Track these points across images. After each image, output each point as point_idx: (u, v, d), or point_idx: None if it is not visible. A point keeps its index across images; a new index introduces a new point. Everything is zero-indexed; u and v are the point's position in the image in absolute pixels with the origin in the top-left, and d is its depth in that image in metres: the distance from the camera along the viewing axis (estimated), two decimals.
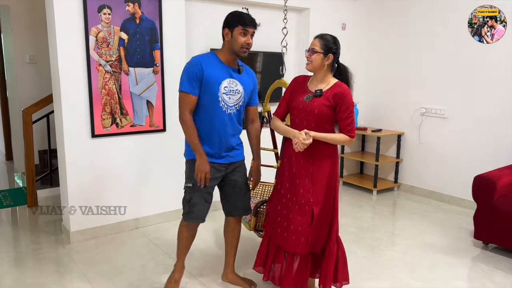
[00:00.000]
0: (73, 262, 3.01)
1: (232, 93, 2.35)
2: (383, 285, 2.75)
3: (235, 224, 2.64)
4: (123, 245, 3.31)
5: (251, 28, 2.30)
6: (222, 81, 2.32)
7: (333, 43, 2.31)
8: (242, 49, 2.30)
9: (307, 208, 2.27)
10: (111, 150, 3.42)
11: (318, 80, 2.35)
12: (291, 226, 2.30)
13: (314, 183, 2.29)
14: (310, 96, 2.30)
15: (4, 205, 4.23)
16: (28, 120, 4.08)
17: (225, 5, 4.01)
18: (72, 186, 3.29)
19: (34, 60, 4.98)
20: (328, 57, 2.28)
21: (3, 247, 3.24)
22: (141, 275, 2.83)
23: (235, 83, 2.37)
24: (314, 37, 2.36)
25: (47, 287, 2.69)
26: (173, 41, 3.61)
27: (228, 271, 2.71)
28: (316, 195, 2.29)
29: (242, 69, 2.42)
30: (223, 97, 2.33)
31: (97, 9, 3.18)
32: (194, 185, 2.37)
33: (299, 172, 2.32)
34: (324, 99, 2.26)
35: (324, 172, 2.31)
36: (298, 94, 2.37)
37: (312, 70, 2.33)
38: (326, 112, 2.26)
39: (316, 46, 2.28)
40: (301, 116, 2.31)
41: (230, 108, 2.36)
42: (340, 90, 2.27)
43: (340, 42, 2.35)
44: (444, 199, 4.49)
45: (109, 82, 3.31)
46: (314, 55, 2.28)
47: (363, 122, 5.27)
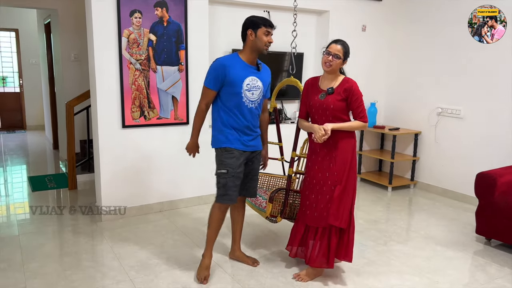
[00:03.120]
0: (103, 237, 3.43)
1: (254, 89, 2.66)
2: (378, 270, 2.96)
3: (242, 204, 2.97)
4: (147, 225, 3.70)
5: (272, 29, 2.66)
6: (244, 79, 2.62)
7: (349, 51, 2.66)
8: (265, 46, 2.63)
9: (333, 188, 2.63)
10: (139, 139, 3.81)
11: (330, 79, 2.68)
12: (321, 205, 2.66)
13: (338, 167, 2.63)
14: (324, 94, 2.65)
15: (49, 187, 4.76)
16: (70, 112, 4.57)
17: (246, 8, 4.31)
18: (104, 171, 3.71)
19: (78, 58, 5.51)
20: (344, 62, 2.64)
21: (46, 222, 3.72)
22: (160, 250, 3.20)
23: (255, 80, 2.67)
24: (333, 42, 2.64)
25: (79, 254, 3.11)
26: (197, 42, 3.95)
27: (235, 248, 3.03)
28: (340, 176, 2.63)
29: (261, 66, 2.73)
30: (245, 93, 2.63)
31: (129, 13, 3.57)
32: (228, 171, 2.66)
33: (324, 160, 2.67)
34: (336, 95, 2.61)
35: (347, 157, 2.64)
36: (313, 94, 2.71)
37: (330, 72, 2.64)
38: (340, 105, 2.61)
39: (339, 52, 2.58)
40: (319, 112, 2.66)
41: (252, 102, 2.67)
42: (349, 85, 2.61)
43: (360, 43, 2.67)
44: (458, 197, 4.58)
45: (139, 78, 3.70)
46: (336, 60, 2.58)
47: (382, 121, 5.42)
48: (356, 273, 2.91)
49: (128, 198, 3.86)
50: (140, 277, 2.78)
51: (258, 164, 2.88)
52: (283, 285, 2.73)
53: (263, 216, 3.04)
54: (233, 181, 2.68)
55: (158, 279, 2.76)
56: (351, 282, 2.79)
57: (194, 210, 4.08)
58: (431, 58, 4.76)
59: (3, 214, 3.97)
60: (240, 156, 2.69)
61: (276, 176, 3.46)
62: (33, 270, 2.83)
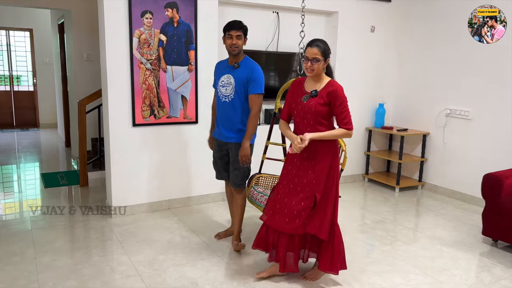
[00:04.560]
0: (112, 233, 3.51)
1: (227, 85, 2.99)
2: (382, 269, 2.98)
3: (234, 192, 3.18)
4: (156, 222, 3.77)
5: (233, 31, 2.88)
6: (220, 77, 3.04)
7: (328, 48, 2.54)
8: (230, 48, 2.92)
9: (309, 195, 2.56)
10: (149, 138, 3.89)
11: (315, 81, 2.57)
12: (294, 212, 2.57)
13: (317, 174, 2.56)
14: (307, 96, 2.54)
15: (61, 184, 4.87)
16: (82, 110, 4.66)
17: (255, 9, 4.36)
18: (115, 169, 3.79)
19: (90, 58, 5.61)
20: (326, 61, 2.53)
21: (58, 217, 3.81)
22: (168, 246, 3.26)
23: (229, 77, 2.99)
24: (308, 45, 2.51)
25: (89, 249, 3.19)
26: (207, 42, 4.01)
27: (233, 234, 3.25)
28: (318, 184, 2.56)
29: (237, 65, 2.97)
30: (220, 89, 3.04)
31: (140, 14, 3.65)
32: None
33: (303, 165, 2.59)
34: (319, 98, 2.50)
35: (325, 165, 2.56)
36: (297, 96, 2.61)
37: (314, 76, 2.54)
38: (322, 109, 2.49)
39: (318, 56, 2.46)
40: (300, 115, 2.56)
41: (225, 97, 3.01)
42: (333, 89, 2.49)
43: (369, 44, 2.60)
44: (466, 199, 4.57)
45: (149, 78, 3.78)
46: (316, 64, 2.47)
47: (391, 121, 5.42)
48: (361, 271, 2.93)
49: (138, 195, 3.93)
50: (148, 272, 2.84)
51: (234, 156, 3.05)
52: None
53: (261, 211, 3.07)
54: (214, 164, 3.29)
55: (165, 274, 2.83)
56: (355, 281, 2.82)
57: (203, 208, 4.14)
58: (440, 59, 4.76)
59: (16, 209, 4.07)
60: (215, 143, 3.19)
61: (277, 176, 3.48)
62: (45, 264, 2.92)
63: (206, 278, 2.79)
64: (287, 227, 2.59)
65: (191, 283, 2.72)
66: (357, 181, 5.34)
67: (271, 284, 2.73)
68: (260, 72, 2.95)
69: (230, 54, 2.98)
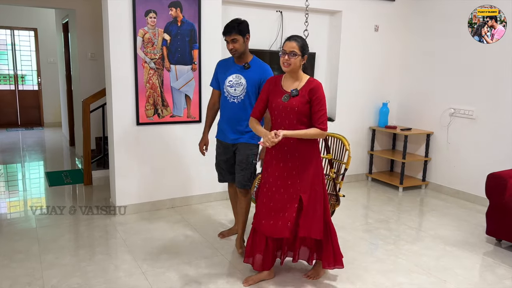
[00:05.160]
0: (116, 231, 3.52)
1: (237, 85, 2.92)
2: (385, 268, 2.98)
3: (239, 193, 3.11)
4: (160, 220, 3.78)
5: (227, 37, 2.85)
6: (228, 77, 2.96)
7: (306, 44, 2.47)
8: (230, 52, 2.90)
9: (295, 196, 2.51)
10: (153, 136, 3.90)
11: (292, 79, 2.49)
12: (280, 214, 2.51)
13: (301, 175, 2.51)
14: (287, 96, 2.45)
15: (65, 182, 4.89)
16: (86, 109, 4.68)
17: (259, 8, 4.37)
18: (119, 168, 3.81)
19: (94, 57, 5.63)
20: (305, 58, 2.45)
21: (62, 216, 3.83)
22: (171, 245, 3.27)
23: (239, 77, 2.92)
24: (287, 39, 2.46)
25: (93, 247, 3.21)
26: (210, 42, 4.02)
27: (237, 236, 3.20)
28: (302, 185, 2.51)
29: (247, 66, 2.90)
30: (227, 89, 2.96)
31: (144, 13, 3.66)
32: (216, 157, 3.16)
33: (286, 166, 2.51)
34: (301, 97, 2.42)
35: (309, 165, 2.51)
36: (275, 96, 2.51)
37: (290, 71, 2.45)
38: (305, 108, 2.42)
39: (295, 49, 2.39)
40: (282, 115, 2.47)
41: (234, 97, 2.93)
42: (314, 85, 2.42)
43: (373, 43, 2.55)
44: (470, 198, 4.56)
45: (153, 77, 3.79)
46: (293, 58, 2.39)
47: (395, 121, 5.41)
48: (364, 270, 2.93)
49: (142, 193, 3.95)
50: (151, 270, 2.86)
51: (241, 156, 2.99)
52: None
53: None
54: (216, 165, 3.22)
55: (169, 272, 2.84)
56: (359, 279, 2.82)
57: (206, 206, 4.15)
58: (444, 58, 4.75)
59: (21, 208, 4.10)
60: (220, 145, 3.12)
61: None
62: (49, 261, 2.94)
63: (209, 276, 2.80)
64: (273, 231, 2.54)
65: (194, 282, 2.73)
66: (361, 180, 5.33)
67: (274, 285, 2.74)
68: (271, 72, 2.94)
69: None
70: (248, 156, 2.98)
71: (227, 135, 3.02)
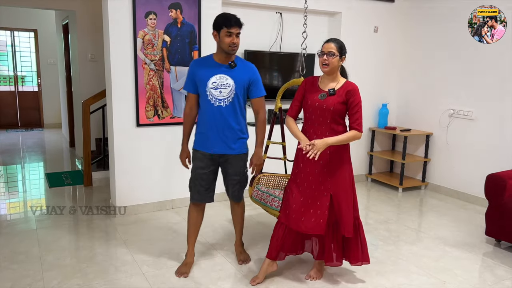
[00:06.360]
0: (116, 232, 3.53)
1: (223, 87, 2.61)
2: (385, 269, 2.99)
3: (235, 206, 3.01)
4: (159, 221, 3.79)
5: (235, 29, 2.55)
6: (210, 78, 2.61)
7: (344, 46, 2.56)
8: (229, 48, 2.56)
9: (325, 194, 2.57)
10: (153, 138, 3.90)
11: (330, 80, 2.58)
12: (311, 210, 2.57)
13: (332, 172, 2.58)
14: (324, 94, 2.54)
15: (65, 183, 4.90)
16: (86, 110, 4.69)
17: (258, 9, 4.38)
18: (119, 169, 3.81)
19: (94, 58, 5.64)
20: (342, 59, 2.54)
21: (62, 217, 3.84)
22: (171, 246, 3.28)
23: (224, 77, 2.61)
24: (326, 41, 2.54)
25: (94, 248, 3.22)
26: (210, 43, 4.00)
27: (236, 243, 3.11)
28: (333, 182, 2.57)
29: (234, 64, 2.62)
30: (211, 91, 2.61)
31: (144, 14, 3.67)
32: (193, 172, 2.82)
33: (317, 163, 2.56)
34: (337, 97, 2.51)
35: (339, 162, 2.60)
36: (312, 93, 2.59)
37: (329, 72, 2.53)
38: (341, 108, 2.51)
39: (333, 49, 2.48)
40: (317, 113, 2.55)
41: (219, 100, 2.61)
42: (352, 88, 2.53)
43: (372, 45, 2.58)
44: (470, 199, 4.56)
45: (153, 78, 3.80)
46: (331, 58, 2.48)
47: (394, 122, 5.42)
48: (364, 271, 2.94)
49: (142, 194, 3.95)
50: (152, 272, 2.86)
51: (234, 169, 2.76)
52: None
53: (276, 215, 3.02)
54: (194, 181, 2.78)
55: (169, 273, 2.84)
56: (359, 280, 2.83)
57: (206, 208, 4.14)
58: (443, 59, 4.75)
59: (21, 209, 4.10)
60: (203, 158, 2.73)
61: (279, 175, 3.49)
62: (49, 262, 2.94)
63: (209, 277, 2.81)
64: (303, 226, 2.58)
65: (194, 283, 2.74)
66: (361, 181, 5.34)
67: (276, 285, 2.74)
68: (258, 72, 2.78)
69: (225, 53, 2.61)
70: (241, 168, 2.79)
71: (212, 145, 2.70)
